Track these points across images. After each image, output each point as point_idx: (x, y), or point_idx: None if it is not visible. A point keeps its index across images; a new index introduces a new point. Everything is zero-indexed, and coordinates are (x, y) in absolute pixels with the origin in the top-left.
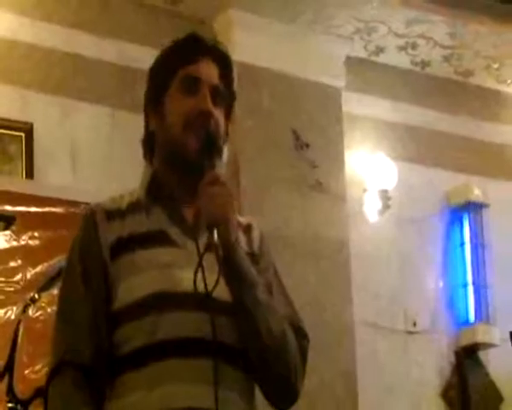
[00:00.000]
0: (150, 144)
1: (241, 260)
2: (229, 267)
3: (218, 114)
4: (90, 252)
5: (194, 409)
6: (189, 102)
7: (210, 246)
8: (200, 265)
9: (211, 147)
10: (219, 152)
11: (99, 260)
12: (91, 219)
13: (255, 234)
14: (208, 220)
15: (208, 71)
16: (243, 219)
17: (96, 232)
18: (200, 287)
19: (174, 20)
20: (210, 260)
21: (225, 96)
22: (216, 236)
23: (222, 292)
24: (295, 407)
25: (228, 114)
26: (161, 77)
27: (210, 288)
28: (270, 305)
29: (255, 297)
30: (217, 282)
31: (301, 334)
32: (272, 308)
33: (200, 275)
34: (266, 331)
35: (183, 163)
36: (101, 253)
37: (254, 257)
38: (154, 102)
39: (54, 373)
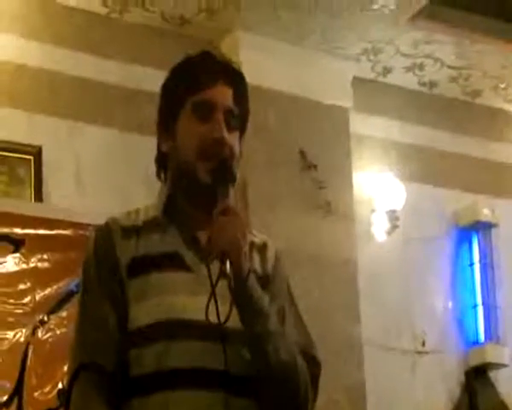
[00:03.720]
0: (163, 163)
1: (252, 292)
2: (240, 299)
3: (233, 138)
4: (109, 268)
5: None
6: (202, 128)
7: (222, 275)
8: (212, 295)
9: (225, 176)
10: (233, 180)
11: (117, 277)
12: (108, 235)
13: (270, 254)
14: (219, 251)
15: (222, 95)
16: (258, 238)
17: (114, 249)
18: (213, 316)
19: (181, 41)
20: (223, 288)
21: (239, 117)
22: (228, 266)
23: (235, 321)
24: None
25: (242, 132)
26: (174, 99)
27: (222, 317)
28: (281, 336)
29: (266, 329)
30: (229, 314)
31: (313, 362)
32: (283, 339)
33: (212, 305)
34: (276, 362)
35: (195, 191)
36: (119, 271)
37: (268, 279)
38: (166, 124)
39: (77, 373)
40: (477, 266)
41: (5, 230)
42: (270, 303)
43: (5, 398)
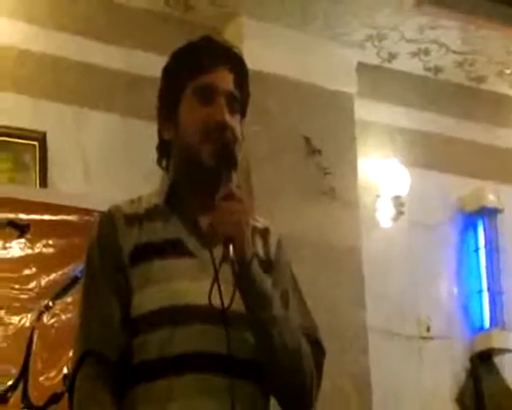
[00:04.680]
0: (165, 151)
1: (256, 277)
2: (244, 284)
3: (234, 121)
4: (112, 256)
5: None
6: (204, 112)
7: (225, 259)
8: (215, 280)
9: (227, 159)
10: (235, 163)
11: (120, 265)
12: (111, 223)
13: (272, 239)
14: (223, 236)
15: (223, 79)
16: (260, 223)
17: (116, 237)
18: (216, 300)
19: (184, 27)
20: (226, 272)
21: (240, 100)
22: (231, 251)
23: (238, 305)
24: None
25: (243, 116)
26: (176, 85)
27: (225, 301)
28: (285, 320)
29: (270, 314)
30: (232, 299)
31: (317, 346)
32: (288, 323)
33: (215, 289)
34: (281, 347)
35: (199, 175)
36: (122, 259)
37: (270, 264)
38: (167, 110)
39: (81, 362)
40: (482, 252)
41: (10, 215)
42: (274, 288)
43: (10, 383)
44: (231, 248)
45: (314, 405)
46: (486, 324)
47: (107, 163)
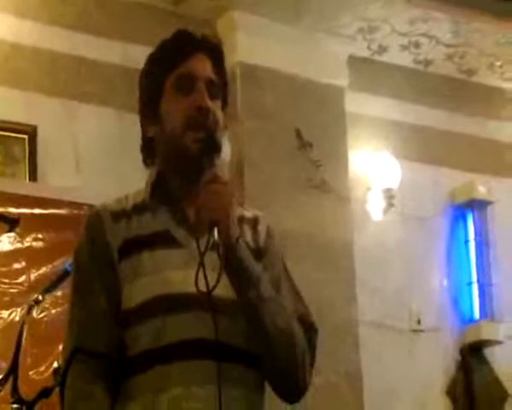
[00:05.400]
0: (150, 150)
1: (243, 258)
2: (231, 265)
3: (216, 107)
4: (100, 252)
5: None
6: (185, 101)
7: (211, 244)
8: (201, 264)
9: (210, 145)
10: (219, 149)
11: (109, 260)
12: (98, 220)
13: (261, 228)
14: (208, 218)
15: (201, 66)
16: (249, 213)
17: (104, 234)
18: (203, 287)
19: (178, 21)
20: (213, 259)
21: (220, 87)
22: (216, 234)
23: (226, 290)
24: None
25: (224, 106)
26: (154, 83)
27: (212, 285)
28: (275, 301)
29: (259, 294)
30: (218, 280)
31: (310, 328)
32: (278, 304)
33: (201, 274)
34: (272, 328)
35: (184, 163)
36: (110, 254)
37: (260, 252)
38: (149, 109)
39: (70, 361)
40: (472, 244)
41: (0, 209)
42: (264, 273)
43: (0, 377)
44: (216, 231)
45: (307, 388)
46: (476, 315)
47: (99, 157)
